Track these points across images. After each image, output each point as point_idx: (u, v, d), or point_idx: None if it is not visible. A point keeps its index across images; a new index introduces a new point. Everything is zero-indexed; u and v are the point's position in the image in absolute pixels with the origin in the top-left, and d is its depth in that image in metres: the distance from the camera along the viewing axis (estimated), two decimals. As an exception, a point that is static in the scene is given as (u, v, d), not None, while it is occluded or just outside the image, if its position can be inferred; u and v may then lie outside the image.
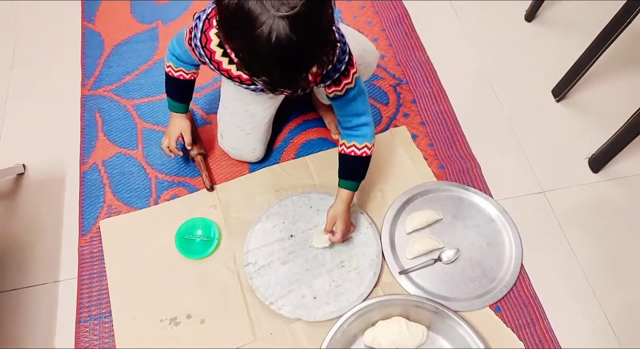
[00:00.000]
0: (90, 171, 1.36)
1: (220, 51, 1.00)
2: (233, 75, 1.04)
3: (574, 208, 1.32)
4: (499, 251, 1.24)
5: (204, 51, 1.01)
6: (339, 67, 0.99)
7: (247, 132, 1.28)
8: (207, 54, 1.02)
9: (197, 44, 1.01)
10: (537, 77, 1.54)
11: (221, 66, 1.03)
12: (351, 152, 1.11)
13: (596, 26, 1.33)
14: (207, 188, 1.31)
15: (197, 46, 1.02)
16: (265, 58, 0.77)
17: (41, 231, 1.28)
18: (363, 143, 1.11)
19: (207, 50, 1.01)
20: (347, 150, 1.11)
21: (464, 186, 1.33)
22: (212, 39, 0.99)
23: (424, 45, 1.61)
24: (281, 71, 0.80)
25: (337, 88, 1.03)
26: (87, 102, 1.49)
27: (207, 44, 1.00)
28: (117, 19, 1.67)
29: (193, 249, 1.23)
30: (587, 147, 1.39)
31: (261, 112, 1.26)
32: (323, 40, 0.84)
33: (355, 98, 1.06)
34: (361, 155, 1.12)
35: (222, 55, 1.00)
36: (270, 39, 0.73)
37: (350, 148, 1.11)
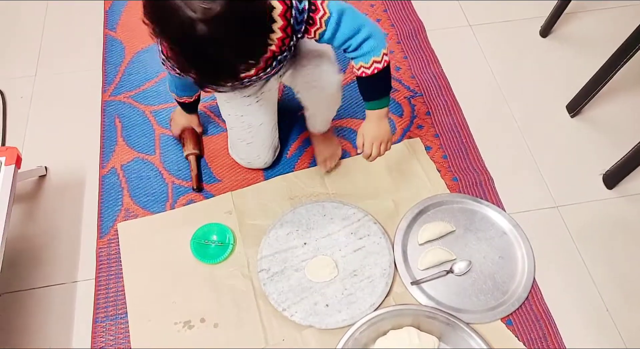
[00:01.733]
0: (109, 175, 1.41)
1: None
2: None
3: (588, 224, 1.34)
4: (511, 265, 1.26)
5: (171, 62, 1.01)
6: (300, 17, 0.97)
7: (249, 142, 1.32)
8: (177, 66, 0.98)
9: (163, 59, 1.03)
10: (551, 92, 1.57)
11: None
12: (362, 73, 1.06)
13: (612, 42, 1.35)
14: (193, 188, 1.37)
15: (165, 60, 1.04)
16: (187, 56, 0.80)
17: (60, 232, 1.32)
18: (370, 61, 1.04)
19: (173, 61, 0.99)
20: (358, 72, 1.07)
21: (477, 198, 1.35)
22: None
23: (439, 58, 1.64)
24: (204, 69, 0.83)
25: (310, 36, 1.01)
26: (108, 107, 1.54)
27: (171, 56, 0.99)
28: (138, 27, 1.71)
29: (208, 254, 1.26)
30: (602, 163, 1.41)
31: (255, 121, 1.28)
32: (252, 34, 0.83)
33: (338, 27, 1.00)
34: (372, 73, 1.06)
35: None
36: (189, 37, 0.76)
37: (360, 70, 1.06)
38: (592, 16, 1.74)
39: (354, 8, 1.02)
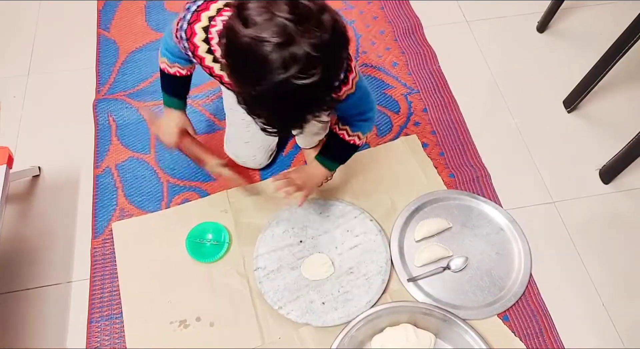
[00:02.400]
0: (103, 174, 1.41)
1: (204, 47, 0.97)
2: (215, 74, 1.02)
3: (584, 219, 1.35)
4: (508, 261, 1.27)
5: (187, 44, 0.98)
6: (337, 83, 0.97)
7: (246, 140, 1.33)
8: (190, 47, 0.98)
9: (182, 35, 0.98)
10: (548, 88, 1.58)
11: (204, 62, 1.00)
12: (342, 134, 1.13)
13: (608, 37, 1.36)
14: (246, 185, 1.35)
15: (182, 38, 0.98)
16: (266, 103, 0.79)
17: (55, 232, 1.33)
18: (355, 133, 1.12)
19: (191, 44, 0.97)
20: (339, 131, 1.13)
21: (474, 195, 1.36)
22: (197, 33, 0.95)
23: (436, 55, 1.65)
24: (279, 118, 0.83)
25: (339, 95, 1.00)
26: (101, 106, 1.55)
27: (191, 37, 0.96)
28: (132, 27, 1.74)
29: (203, 253, 1.27)
30: (598, 158, 1.42)
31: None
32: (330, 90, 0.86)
33: (359, 102, 1.04)
34: (349, 141, 1.13)
35: (206, 52, 0.98)
36: (277, 91, 0.74)
37: (342, 131, 1.12)
38: (588, 11, 1.75)
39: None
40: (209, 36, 0.95)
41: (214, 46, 0.95)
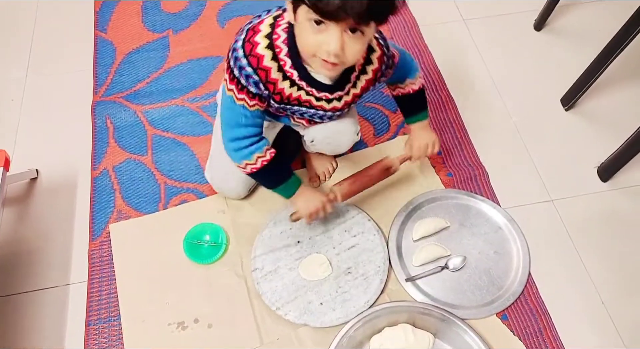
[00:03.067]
0: (101, 176, 1.40)
1: (275, 66, 0.95)
2: (284, 95, 1.00)
3: (583, 217, 1.33)
4: (507, 260, 1.26)
5: (257, 74, 0.94)
6: (388, 62, 1.06)
7: (226, 171, 1.25)
8: (261, 77, 0.95)
9: (246, 73, 0.94)
10: (546, 86, 1.57)
11: (277, 87, 0.98)
12: (408, 90, 1.19)
13: (605, 35, 1.35)
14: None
15: (249, 75, 0.95)
16: None
17: (52, 235, 1.32)
18: (415, 77, 1.18)
19: (262, 71, 0.94)
20: (404, 90, 1.19)
21: (472, 194, 1.35)
22: (264, 54, 0.93)
23: (432, 54, 1.64)
24: None
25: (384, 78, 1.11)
26: (99, 108, 1.53)
27: (259, 64, 0.94)
28: (128, 28, 1.72)
29: (201, 254, 1.26)
30: (596, 156, 1.41)
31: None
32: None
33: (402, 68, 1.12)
34: (418, 89, 1.19)
35: (277, 71, 0.96)
36: None
37: (407, 88, 1.18)
38: (584, 9, 1.73)
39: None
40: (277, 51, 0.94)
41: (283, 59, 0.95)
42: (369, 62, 1.03)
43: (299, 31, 0.90)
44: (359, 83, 1.05)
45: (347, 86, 1.04)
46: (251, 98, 0.98)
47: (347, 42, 0.85)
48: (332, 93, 1.03)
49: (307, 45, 0.88)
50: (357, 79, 1.04)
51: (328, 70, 0.91)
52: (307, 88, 1.01)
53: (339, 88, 1.03)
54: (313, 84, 1.00)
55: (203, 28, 1.72)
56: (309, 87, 1.00)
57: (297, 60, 0.96)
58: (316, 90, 1.01)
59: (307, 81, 0.99)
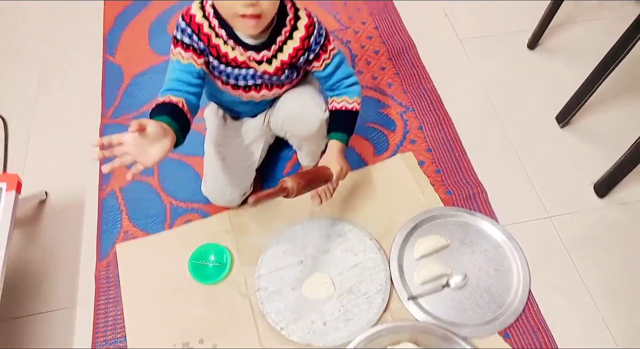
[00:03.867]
0: (108, 198, 1.37)
1: (206, 23, 1.02)
2: (221, 52, 1.05)
3: (581, 234, 1.30)
4: (507, 277, 1.22)
5: (191, 28, 1.02)
6: (319, 40, 1.08)
7: (216, 174, 1.24)
8: (194, 29, 1.02)
9: (182, 27, 1.02)
10: (540, 104, 1.54)
11: (211, 41, 1.03)
12: (342, 106, 1.18)
13: (597, 53, 1.33)
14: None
15: (184, 29, 1.02)
16: None
17: (60, 257, 1.29)
18: (353, 98, 1.18)
19: (194, 25, 1.02)
20: (339, 105, 1.18)
21: (471, 211, 1.31)
22: (195, 14, 1.02)
23: (430, 74, 1.61)
24: None
25: (317, 63, 1.12)
26: (107, 130, 1.51)
27: (192, 20, 1.02)
28: (136, 51, 1.71)
29: (206, 274, 1.23)
30: (592, 172, 1.38)
31: (230, 155, 1.25)
32: None
33: (337, 68, 1.14)
34: (352, 109, 1.18)
35: (209, 27, 1.02)
36: None
37: (342, 104, 1.18)
38: (576, 28, 1.71)
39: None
40: (206, 13, 1.02)
41: (212, 20, 1.02)
42: (295, 28, 1.06)
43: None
44: (286, 49, 1.07)
45: (273, 47, 1.06)
46: (185, 49, 1.03)
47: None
48: (258, 53, 1.06)
49: (226, 4, 0.94)
50: (284, 44, 1.07)
51: (252, 26, 0.96)
52: (236, 47, 1.05)
53: (263, 48, 1.06)
54: (239, 42, 1.05)
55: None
56: (236, 45, 1.05)
57: (223, 20, 1.02)
58: (243, 48, 1.05)
59: (234, 39, 1.04)
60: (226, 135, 1.28)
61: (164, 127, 0.89)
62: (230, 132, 1.29)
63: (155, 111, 0.97)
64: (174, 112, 0.97)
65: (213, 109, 1.31)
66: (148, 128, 0.84)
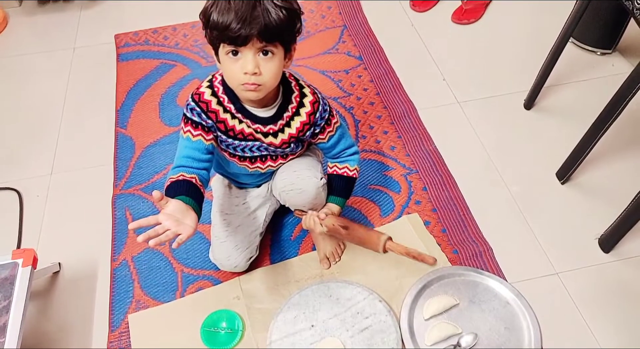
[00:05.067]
0: (120, 267, 1.47)
1: (214, 100, 1.14)
2: (228, 126, 1.17)
3: (589, 289, 1.36)
4: (518, 335, 1.27)
5: (199, 106, 1.14)
6: (324, 115, 1.23)
7: (222, 240, 1.35)
8: (203, 108, 1.14)
9: (191, 106, 1.14)
10: (540, 161, 1.65)
11: (219, 116, 1.15)
12: (344, 172, 1.34)
13: (592, 111, 1.44)
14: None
15: (193, 108, 1.14)
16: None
17: (73, 327, 1.36)
18: (354, 166, 1.35)
19: (203, 104, 1.14)
20: (340, 171, 1.34)
21: (479, 270, 1.39)
22: (204, 91, 1.15)
23: (431, 135, 1.74)
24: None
25: (322, 136, 1.27)
26: (118, 200, 1.63)
27: (201, 98, 1.14)
28: (147, 124, 1.86)
29: (218, 341, 1.29)
30: (596, 228, 1.46)
31: (235, 221, 1.36)
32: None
33: (340, 139, 1.30)
34: (352, 176, 1.35)
35: (217, 104, 1.14)
36: None
37: (343, 170, 1.34)
38: (569, 88, 1.86)
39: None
40: (215, 89, 1.15)
41: (221, 96, 1.15)
42: (302, 105, 1.20)
43: (223, 68, 1.08)
44: (294, 124, 1.21)
45: (279, 123, 1.19)
46: (194, 127, 1.15)
47: (261, 63, 1.03)
48: (265, 126, 1.18)
49: (231, 75, 1.06)
50: (292, 119, 1.20)
51: (254, 94, 1.08)
52: (244, 120, 1.17)
53: (271, 122, 1.18)
54: (248, 116, 1.17)
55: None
56: (245, 118, 1.17)
57: (232, 95, 1.14)
58: (251, 121, 1.17)
59: (243, 113, 1.16)
60: (232, 202, 1.40)
61: (184, 206, 1.00)
62: (236, 199, 1.41)
63: (171, 189, 1.07)
64: (189, 190, 1.07)
65: (219, 178, 1.44)
66: (171, 206, 0.97)
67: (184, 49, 2.14)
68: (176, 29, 2.23)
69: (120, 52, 2.14)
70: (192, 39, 2.18)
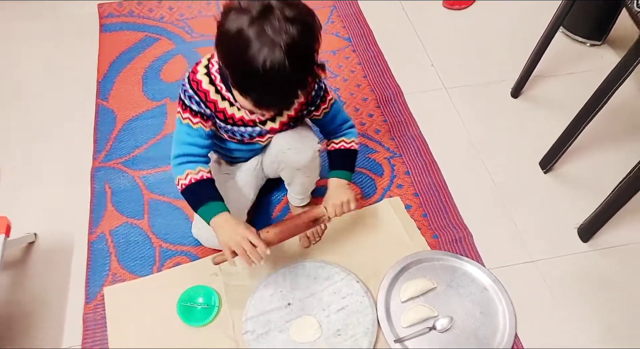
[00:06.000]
0: (97, 240, 1.46)
1: (212, 89, 1.12)
2: (227, 114, 1.17)
3: (565, 278, 1.40)
4: (493, 321, 1.30)
5: (198, 95, 1.12)
6: (319, 92, 1.22)
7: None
8: (201, 97, 1.12)
9: (189, 94, 1.12)
10: (524, 150, 1.68)
11: (217, 106, 1.14)
12: (341, 146, 1.31)
13: (577, 102, 1.47)
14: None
15: (192, 96, 1.12)
16: (258, 79, 0.91)
17: (47, 298, 1.36)
18: (351, 139, 1.31)
19: (201, 92, 1.12)
20: (337, 145, 1.31)
21: (457, 255, 1.41)
22: (202, 79, 1.12)
23: (417, 120, 1.75)
24: (271, 91, 0.96)
25: (317, 113, 1.26)
26: (97, 173, 1.62)
27: (199, 87, 1.12)
28: (129, 97, 1.84)
29: (194, 317, 1.30)
30: (576, 217, 1.49)
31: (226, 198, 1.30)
32: (310, 70, 0.99)
33: (335, 115, 1.28)
34: (350, 148, 1.31)
35: (215, 93, 1.13)
36: (265, 63, 0.88)
37: (340, 143, 1.31)
38: (557, 79, 1.89)
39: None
40: (212, 77, 1.12)
41: (219, 85, 1.12)
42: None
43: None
44: (292, 106, 1.19)
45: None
46: (194, 115, 1.15)
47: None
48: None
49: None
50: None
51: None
52: (242, 108, 1.15)
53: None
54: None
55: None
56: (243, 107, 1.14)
57: (229, 85, 1.09)
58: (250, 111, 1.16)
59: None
60: (219, 179, 1.39)
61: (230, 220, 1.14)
62: (225, 175, 1.40)
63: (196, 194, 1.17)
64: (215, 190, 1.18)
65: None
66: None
67: (168, 23, 2.11)
68: (161, 2, 2.20)
69: (103, 22, 2.10)
70: (177, 13, 2.15)
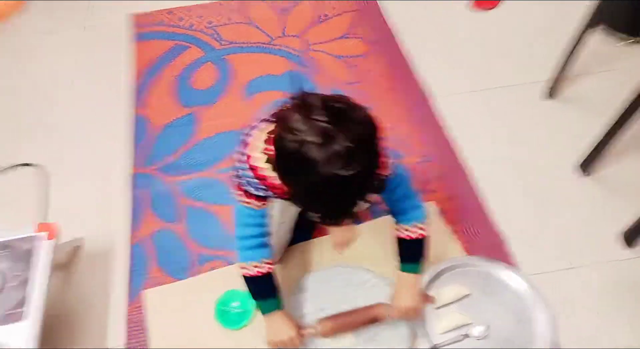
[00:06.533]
0: (138, 244, 1.52)
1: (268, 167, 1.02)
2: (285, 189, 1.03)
3: (607, 284, 1.37)
4: (530, 328, 1.28)
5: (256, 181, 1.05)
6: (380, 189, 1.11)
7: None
8: (261, 184, 1.05)
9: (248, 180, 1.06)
10: (560, 152, 1.65)
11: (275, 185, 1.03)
12: (407, 235, 1.22)
13: (613, 102, 1.44)
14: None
15: (250, 182, 1.06)
16: (319, 197, 0.89)
17: (92, 300, 1.43)
18: (413, 225, 1.21)
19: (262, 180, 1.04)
20: (403, 234, 1.22)
21: (492, 261, 1.40)
22: (260, 166, 1.03)
23: (448, 124, 1.75)
24: (333, 208, 0.92)
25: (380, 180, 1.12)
26: (137, 179, 1.68)
27: (257, 173, 1.04)
28: (162, 104, 1.91)
29: (231, 319, 1.34)
30: (618, 222, 1.46)
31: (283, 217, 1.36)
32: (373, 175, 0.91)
33: (400, 183, 1.17)
34: (416, 238, 1.21)
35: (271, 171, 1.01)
36: (326, 184, 0.84)
37: (405, 233, 1.22)
38: (592, 78, 1.84)
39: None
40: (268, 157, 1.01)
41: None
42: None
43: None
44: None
45: None
46: (256, 199, 1.12)
47: None
48: None
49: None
50: None
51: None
52: None
53: None
54: None
55: (229, 103, 1.90)
56: None
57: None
58: None
59: None
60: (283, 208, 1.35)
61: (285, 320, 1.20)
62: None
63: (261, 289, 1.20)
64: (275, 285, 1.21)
65: None
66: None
67: (198, 31, 2.16)
68: (191, 10, 2.25)
69: (136, 31, 2.17)
70: (206, 21, 2.20)
